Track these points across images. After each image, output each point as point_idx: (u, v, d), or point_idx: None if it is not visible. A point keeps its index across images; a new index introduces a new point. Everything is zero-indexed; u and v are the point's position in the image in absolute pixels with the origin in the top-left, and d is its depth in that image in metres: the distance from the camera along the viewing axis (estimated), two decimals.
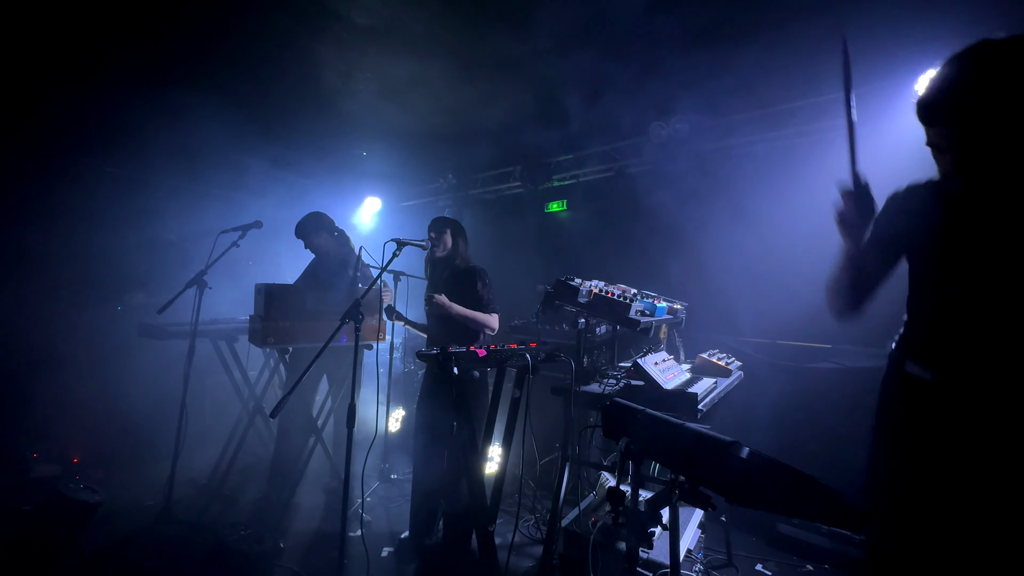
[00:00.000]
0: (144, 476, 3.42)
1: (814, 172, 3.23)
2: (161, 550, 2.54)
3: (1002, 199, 1.09)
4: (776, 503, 1.11)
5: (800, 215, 3.06)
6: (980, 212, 1.13)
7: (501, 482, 2.31)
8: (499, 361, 2.19)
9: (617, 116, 4.01)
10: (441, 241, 2.69)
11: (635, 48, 3.17)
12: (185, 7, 2.93)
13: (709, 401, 2.07)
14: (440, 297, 2.54)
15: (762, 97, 3.53)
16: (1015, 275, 1.08)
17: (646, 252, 4.03)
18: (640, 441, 1.27)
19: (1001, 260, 1.10)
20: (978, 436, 1.12)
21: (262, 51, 3.37)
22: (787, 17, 2.74)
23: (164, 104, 4.05)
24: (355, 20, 3.00)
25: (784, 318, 3.31)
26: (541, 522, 2.97)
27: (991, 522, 1.10)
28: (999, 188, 1.08)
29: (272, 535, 2.40)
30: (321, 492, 3.33)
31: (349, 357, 2.57)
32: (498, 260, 4.49)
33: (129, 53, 3.37)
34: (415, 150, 5.18)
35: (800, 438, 2.97)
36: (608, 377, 2.28)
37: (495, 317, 2.67)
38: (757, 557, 2.72)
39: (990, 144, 1.01)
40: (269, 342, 2.63)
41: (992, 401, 1.11)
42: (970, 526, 1.12)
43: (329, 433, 3.31)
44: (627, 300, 2.14)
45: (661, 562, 1.91)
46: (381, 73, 3.63)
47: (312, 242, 3.30)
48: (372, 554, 2.53)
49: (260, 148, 4.86)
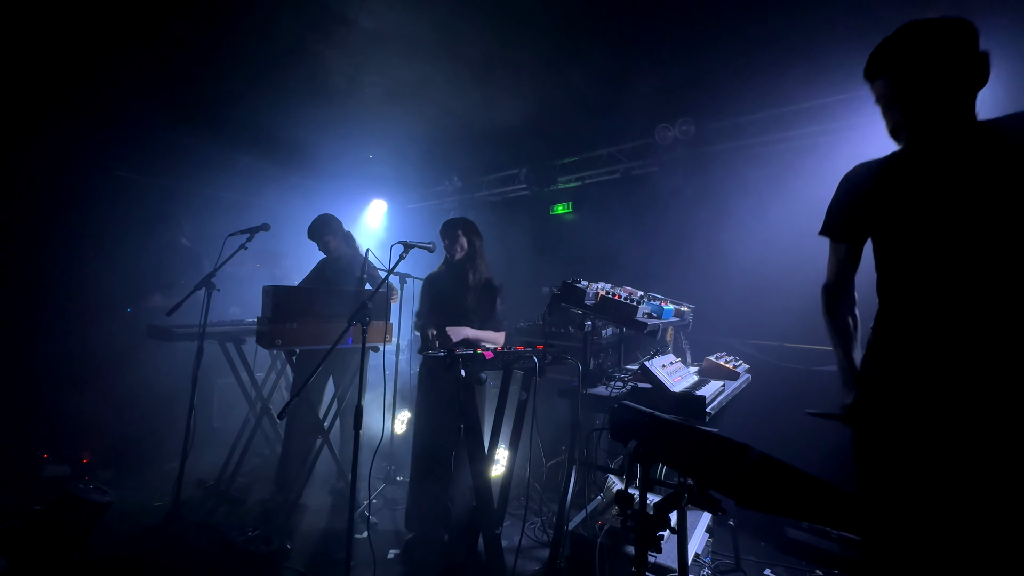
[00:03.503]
0: (153, 477, 3.45)
1: (822, 173, 3.19)
2: (169, 550, 2.56)
3: (940, 145, 1.20)
4: (786, 507, 1.10)
5: (808, 216, 3.02)
6: (923, 167, 1.23)
7: (508, 485, 2.31)
8: (506, 363, 2.19)
9: (623, 118, 4.01)
10: (457, 244, 2.70)
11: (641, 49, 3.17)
12: (193, 12, 2.96)
13: (717, 404, 2.06)
14: (452, 330, 2.53)
15: (769, 98, 3.52)
16: (971, 237, 1.13)
17: (652, 254, 4.02)
18: (648, 444, 1.26)
19: (956, 221, 1.16)
20: (962, 425, 1.12)
21: (269, 55, 3.40)
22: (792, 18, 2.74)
23: (173, 108, 4.10)
24: (361, 24, 3.02)
25: (792, 320, 3.28)
26: (548, 525, 2.95)
27: (963, 511, 1.11)
28: (937, 129, 1.20)
29: (279, 536, 2.41)
30: (328, 493, 3.34)
31: (356, 359, 2.58)
32: (504, 263, 4.50)
33: (139, 58, 3.41)
34: (421, 153, 5.20)
35: (809, 441, 2.94)
36: (615, 380, 2.27)
37: (503, 335, 2.71)
38: (766, 562, 2.69)
39: (921, 79, 1.20)
40: (276, 344, 2.64)
41: (960, 383, 1.12)
42: (949, 515, 1.13)
43: (336, 435, 3.32)
44: (634, 302, 2.13)
45: (669, 566, 1.89)
46: (387, 76, 3.65)
47: (326, 243, 3.34)
48: (378, 556, 2.53)
49: (268, 151, 4.90)
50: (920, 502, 1.16)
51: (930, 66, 1.18)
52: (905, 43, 1.22)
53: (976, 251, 1.13)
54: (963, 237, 1.15)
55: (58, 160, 4.14)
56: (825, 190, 1.52)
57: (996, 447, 1.08)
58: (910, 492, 1.18)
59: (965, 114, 1.19)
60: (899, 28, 1.25)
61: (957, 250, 1.15)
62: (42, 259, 4.09)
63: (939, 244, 1.18)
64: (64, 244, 4.19)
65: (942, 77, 1.18)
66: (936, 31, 1.19)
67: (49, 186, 4.12)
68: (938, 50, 1.18)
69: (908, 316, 1.24)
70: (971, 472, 1.10)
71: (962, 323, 1.14)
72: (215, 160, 4.86)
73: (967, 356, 1.12)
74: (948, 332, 1.16)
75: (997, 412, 1.08)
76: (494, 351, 2.12)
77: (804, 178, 3.30)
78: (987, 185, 1.14)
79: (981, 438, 1.09)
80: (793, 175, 3.41)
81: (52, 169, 4.13)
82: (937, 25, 1.19)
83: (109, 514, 2.42)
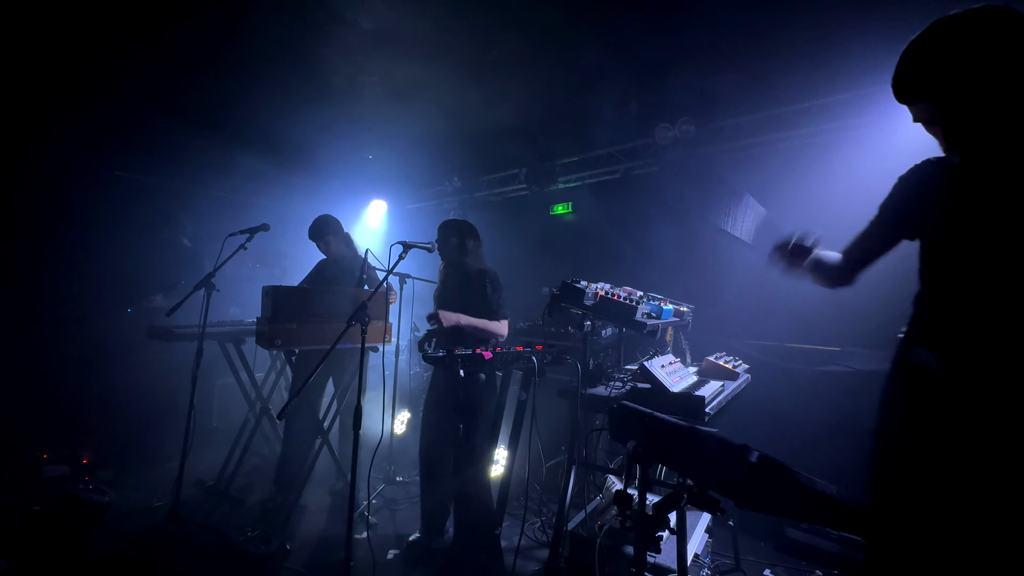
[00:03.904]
0: (152, 477, 3.45)
1: (821, 173, 3.21)
2: (169, 550, 2.56)
3: (1000, 163, 1.07)
4: (786, 507, 1.10)
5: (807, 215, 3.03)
6: (983, 182, 1.09)
7: (507, 485, 2.31)
8: (505, 363, 2.19)
9: (623, 118, 4.01)
10: (447, 246, 2.69)
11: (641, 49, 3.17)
12: (194, 13, 2.96)
13: (716, 404, 2.06)
14: (444, 313, 2.47)
15: (769, 98, 3.52)
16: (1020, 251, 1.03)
17: (652, 254, 4.02)
18: (648, 445, 1.26)
19: (1007, 234, 1.05)
20: (985, 430, 1.05)
21: (270, 55, 3.40)
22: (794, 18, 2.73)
23: (173, 108, 4.10)
24: (361, 24, 3.02)
25: (792, 320, 3.28)
26: (547, 525, 2.95)
27: (995, 521, 1.05)
28: (995, 149, 1.07)
29: (278, 536, 2.41)
30: (327, 494, 3.34)
31: (355, 359, 2.58)
32: (503, 263, 4.48)
33: (139, 58, 3.41)
34: (421, 153, 5.21)
35: (809, 442, 2.94)
36: (614, 380, 2.27)
37: (504, 324, 2.60)
38: (765, 562, 2.69)
39: (967, 103, 1.04)
40: (276, 344, 2.64)
41: (1001, 391, 1.03)
42: (974, 526, 1.07)
43: (335, 435, 3.32)
44: (633, 302, 2.13)
45: (668, 566, 1.89)
46: (387, 76, 3.65)
47: (328, 244, 3.34)
48: (378, 556, 2.53)
49: (267, 151, 4.90)
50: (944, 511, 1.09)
51: (982, 82, 1.00)
52: (945, 55, 1.03)
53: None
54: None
55: (58, 160, 4.14)
56: (825, 190, 1.53)
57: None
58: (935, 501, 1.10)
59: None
60: (930, 28, 1.06)
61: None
62: (42, 259, 4.09)
63: (1003, 258, 1.06)
64: (64, 244, 4.19)
65: (997, 92, 1.00)
66: (979, 31, 0.99)
67: (49, 186, 4.12)
68: (987, 57, 0.98)
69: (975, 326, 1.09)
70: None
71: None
72: (215, 160, 4.86)
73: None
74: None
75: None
76: (493, 351, 2.12)
77: (804, 178, 3.30)
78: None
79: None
80: (793, 175, 3.41)
81: (53, 169, 4.12)
82: (977, 21, 0.99)
83: (109, 514, 2.42)
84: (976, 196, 1.10)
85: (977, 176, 1.10)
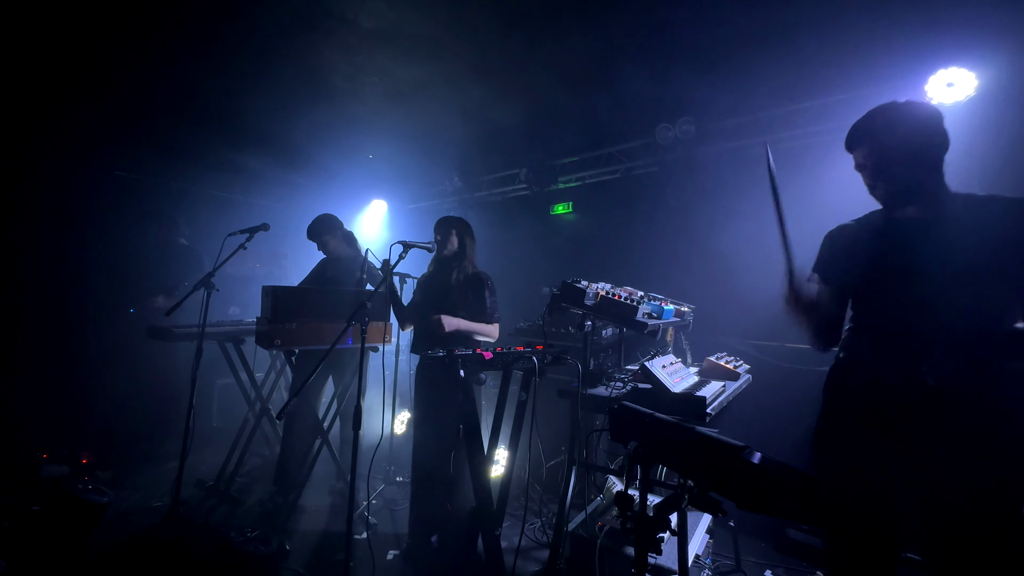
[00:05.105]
0: (152, 477, 3.44)
1: (822, 173, 3.20)
2: (168, 551, 2.55)
3: (912, 212, 1.46)
4: (787, 508, 1.10)
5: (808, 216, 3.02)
6: (901, 225, 1.47)
7: (507, 485, 2.30)
8: (505, 363, 2.18)
9: (623, 118, 4.01)
10: (448, 242, 2.69)
11: (641, 49, 3.17)
12: (194, 12, 2.96)
13: (718, 405, 2.05)
14: (446, 318, 2.50)
15: (769, 98, 3.51)
16: (945, 276, 1.34)
17: (653, 254, 4.02)
18: (648, 445, 1.25)
19: (930, 262, 1.37)
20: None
21: (270, 55, 3.40)
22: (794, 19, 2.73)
23: (173, 108, 4.10)
24: (361, 23, 3.01)
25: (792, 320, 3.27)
26: (547, 526, 2.95)
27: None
28: (906, 192, 1.46)
29: (278, 537, 2.40)
30: (327, 494, 3.34)
31: (355, 359, 2.58)
32: (503, 263, 4.49)
33: (139, 58, 3.41)
34: (421, 153, 5.20)
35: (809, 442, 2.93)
36: (615, 380, 2.26)
37: (496, 327, 2.65)
38: (766, 563, 2.69)
39: (888, 152, 1.47)
40: (276, 344, 2.63)
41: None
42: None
43: (335, 435, 3.31)
44: (634, 302, 2.13)
45: (669, 567, 1.89)
46: (387, 76, 3.64)
47: (326, 243, 3.33)
48: (378, 557, 2.53)
49: (267, 151, 4.90)
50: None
51: (897, 141, 1.44)
52: (876, 121, 1.50)
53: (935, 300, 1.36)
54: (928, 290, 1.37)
55: (58, 160, 4.14)
56: (825, 190, 1.57)
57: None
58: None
59: (933, 179, 1.44)
60: (873, 109, 1.52)
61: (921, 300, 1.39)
62: (42, 259, 4.08)
63: (906, 295, 1.43)
64: (64, 244, 4.18)
65: (907, 150, 1.43)
66: (902, 112, 1.46)
67: (49, 186, 4.12)
68: (903, 127, 1.44)
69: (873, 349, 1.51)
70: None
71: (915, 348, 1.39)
72: (215, 160, 4.86)
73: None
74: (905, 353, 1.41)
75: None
76: (493, 351, 2.11)
77: (804, 178, 3.29)
78: (945, 245, 1.37)
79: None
80: (793, 175, 3.40)
81: (52, 169, 4.12)
82: (904, 107, 1.47)
83: (108, 514, 2.41)
84: (890, 243, 1.48)
85: (890, 223, 1.51)
